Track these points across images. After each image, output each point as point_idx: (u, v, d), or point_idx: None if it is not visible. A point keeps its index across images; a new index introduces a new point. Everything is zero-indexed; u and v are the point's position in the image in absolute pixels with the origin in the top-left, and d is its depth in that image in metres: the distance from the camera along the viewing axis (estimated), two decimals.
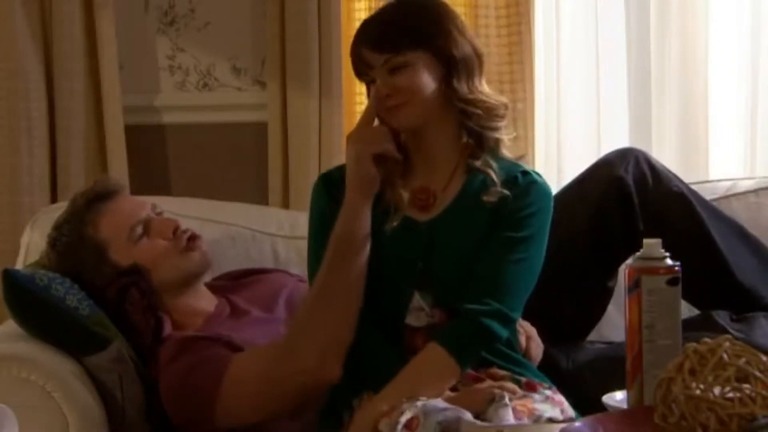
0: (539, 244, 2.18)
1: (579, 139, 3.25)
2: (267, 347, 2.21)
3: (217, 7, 3.23)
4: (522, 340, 2.20)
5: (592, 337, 2.55)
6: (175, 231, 2.39)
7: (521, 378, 2.13)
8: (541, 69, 3.21)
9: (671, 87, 3.23)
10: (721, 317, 2.34)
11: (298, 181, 3.14)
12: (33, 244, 2.65)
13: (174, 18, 3.24)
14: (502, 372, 2.14)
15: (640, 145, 3.24)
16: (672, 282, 1.82)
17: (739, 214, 2.76)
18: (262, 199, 3.16)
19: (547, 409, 2.04)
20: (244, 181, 3.22)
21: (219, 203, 2.86)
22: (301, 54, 3.10)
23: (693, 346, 1.58)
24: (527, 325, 2.23)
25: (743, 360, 1.56)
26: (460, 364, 2.08)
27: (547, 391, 2.12)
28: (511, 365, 2.17)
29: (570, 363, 2.36)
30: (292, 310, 2.43)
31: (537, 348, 2.22)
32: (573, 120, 3.25)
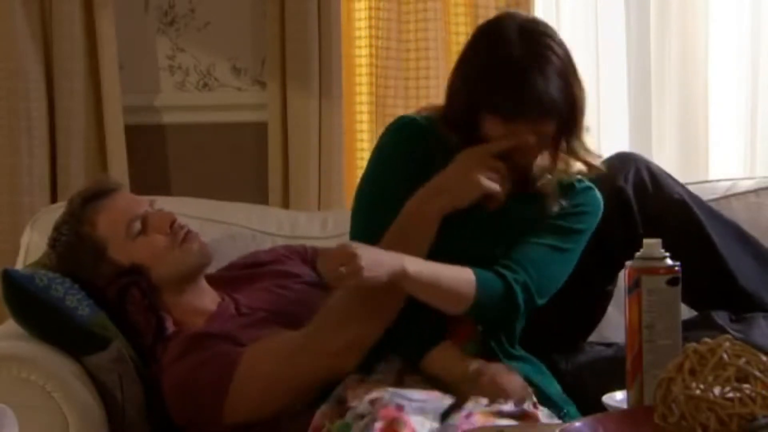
0: (580, 242, 2.22)
1: None
2: (281, 342, 2.17)
3: (217, 7, 3.23)
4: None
5: (591, 337, 2.55)
6: (172, 225, 2.38)
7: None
8: None
9: (671, 87, 3.23)
10: (721, 317, 2.34)
11: (298, 181, 3.14)
12: (33, 244, 2.65)
13: (174, 18, 3.24)
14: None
15: (640, 145, 3.26)
16: (672, 282, 1.82)
17: (739, 214, 2.76)
18: (262, 199, 3.16)
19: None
20: (244, 181, 3.22)
21: (219, 203, 2.86)
22: (301, 54, 3.10)
23: (693, 346, 1.58)
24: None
25: (743, 360, 1.55)
26: (476, 299, 2.09)
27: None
28: (511, 360, 2.18)
29: (569, 364, 2.35)
30: (297, 305, 2.41)
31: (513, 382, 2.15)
32: None
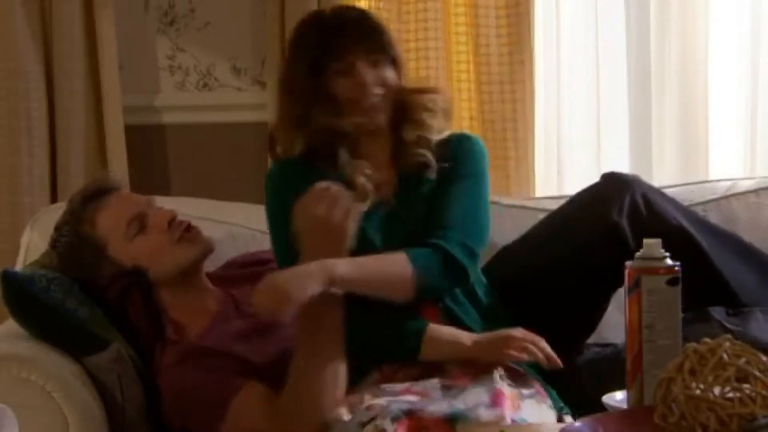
0: (486, 185, 2.29)
1: (579, 138, 3.25)
2: (270, 399, 2.15)
3: (217, 7, 3.23)
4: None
5: (590, 338, 2.54)
6: (171, 222, 2.39)
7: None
8: (541, 69, 3.21)
9: (671, 87, 3.23)
10: (717, 312, 2.33)
11: None
12: (33, 244, 2.65)
13: (174, 18, 3.24)
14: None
15: (641, 145, 3.26)
16: (672, 282, 1.82)
17: (738, 214, 2.76)
18: (262, 198, 3.16)
19: (529, 412, 2.03)
20: (244, 181, 3.21)
21: (219, 203, 2.86)
22: None
23: (693, 346, 1.58)
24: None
25: (743, 360, 1.56)
26: (417, 278, 2.12)
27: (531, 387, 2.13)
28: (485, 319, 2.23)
29: (567, 366, 2.35)
30: None
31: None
32: (573, 120, 3.25)
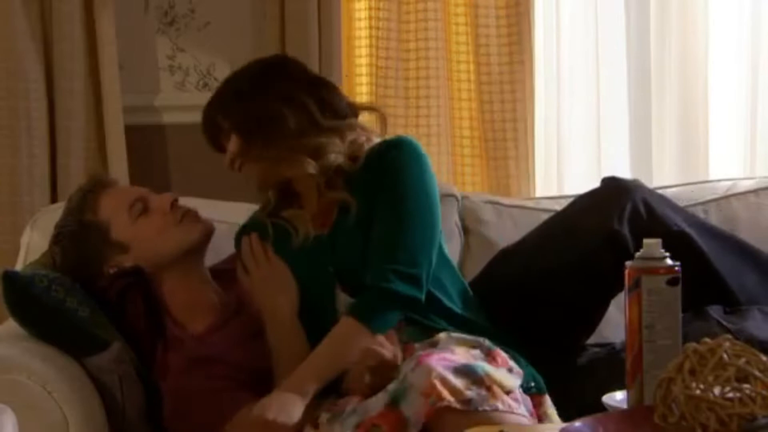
0: (418, 194, 2.26)
1: (579, 139, 3.25)
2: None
3: (217, 7, 3.23)
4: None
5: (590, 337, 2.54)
6: (173, 204, 2.40)
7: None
8: (541, 69, 3.21)
9: (671, 87, 3.23)
10: (715, 311, 2.33)
11: None
12: (33, 244, 2.65)
13: (174, 18, 3.23)
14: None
15: (640, 145, 3.26)
16: (672, 282, 1.82)
17: (738, 214, 2.76)
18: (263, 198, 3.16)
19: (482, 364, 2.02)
20: (244, 181, 3.21)
21: (219, 203, 2.85)
22: (301, 54, 3.09)
23: (693, 346, 1.58)
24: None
25: (743, 360, 1.56)
26: (373, 329, 2.13)
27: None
28: (458, 328, 2.22)
29: (566, 366, 2.35)
30: None
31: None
32: (573, 120, 3.24)
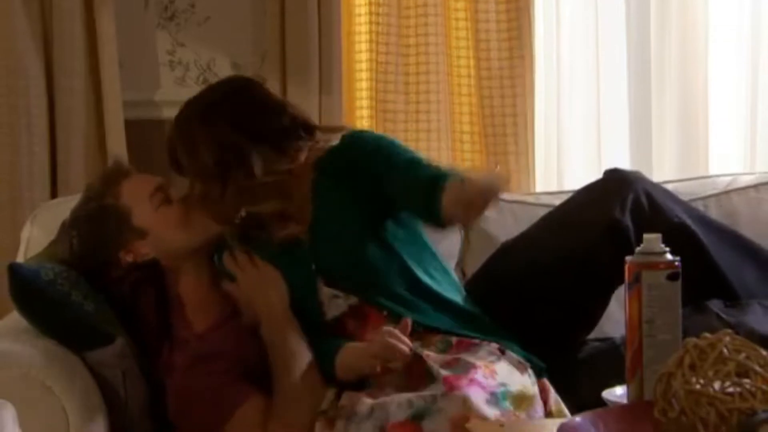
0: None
1: (579, 134, 3.25)
2: (267, 410, 2.23)
3: (217, 3, 3.23)
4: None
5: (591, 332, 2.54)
6: None
7: (451, 339, 2.18)
8: (541, 64, 3.21)
9: (671, 82, 3.23)
10: (715, 305, 2.33)
11: None
12: (33, 239, 2.65)
13: (174, 13, 3.23)
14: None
15: (641, 140, 3.27)
16: (672, 277, 1.82)
17: (739, 209, 2.76)
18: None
19: (504, 370, 2.07)
20: None
21: None
22: (302, 50, 3.10)
23: (693, 340, 1.58)
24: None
25: (743, 355, 1.56)
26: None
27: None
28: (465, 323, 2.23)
29: (565, 362, 2.35)
30: None
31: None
32: (573, 115, 3.24)
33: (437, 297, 2.27)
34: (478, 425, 1.87)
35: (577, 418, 1.70)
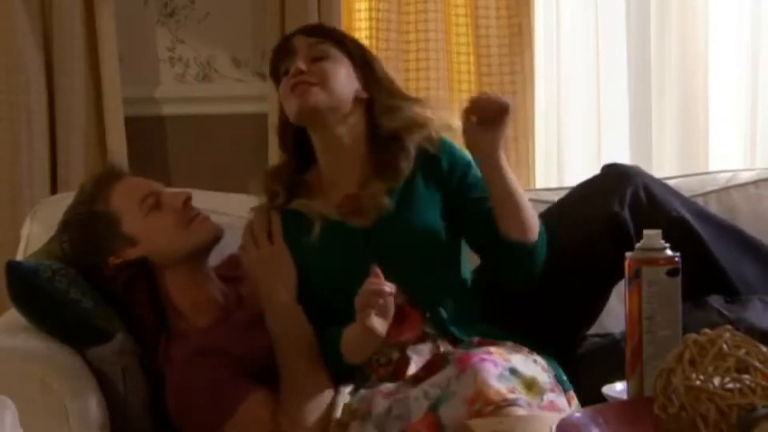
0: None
1: (579, 130, 3.25)
2: (274, 407, 2.22)
3: None
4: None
5: (592, 328, 2.54)
6: (186, 202, 2.38)
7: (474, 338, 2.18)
8: (541, 61, 3.21)
9: (671, 78, 3.23)
10: (715, 300, 2.33)
11: None
12: (33, 236, 2.65)
13: (174, 9, 3.23)
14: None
15: (641, 137, 3.27)
16: (672, 273, 1.82)
17: (738, 205, 2.76)
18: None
19: (520, 360, 2.05)
20: (244, 172, 3.20)
21: (219, 194, 2.85)
22: None
23: (693, 336, 1.58)
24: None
25: (743, 351, 1.55)
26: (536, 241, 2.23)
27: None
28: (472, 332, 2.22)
29: (565, 358, 2.35)
30: None
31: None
32: (573, 111, 3.24)
33: (480, 314, 2.29)
34: (478, 423, 1.87)
35: (576, 414, 1.70)
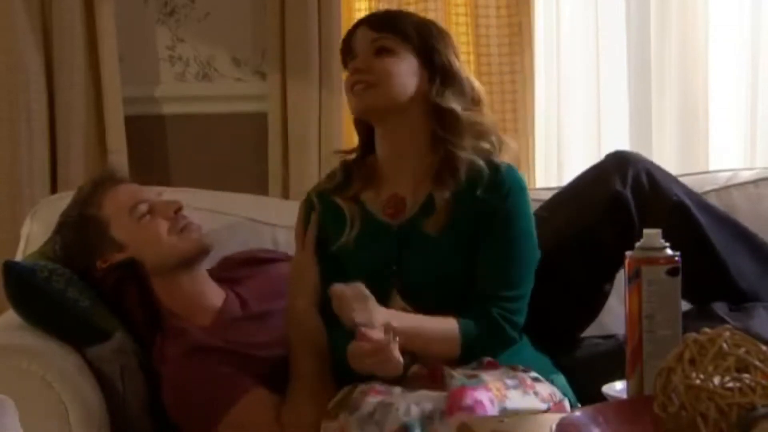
0: (528, 222, 2.18)
1: (579, 130, 3.25)
2: (273, 405, 2.20)
3: None
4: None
5: (591, 328, 2.54)
6: (177, 212, 2.38)
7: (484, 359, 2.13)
8: (541, 60, 3.21)
9: (671, 78, 3.23)
10: (719, 308, 2.34)
11: (298, 171, 3.14)
12: (33, 235, 2.65)
13: (174, 9, 3.23)
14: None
15: (641, 137, 3.27)
16: (672, 272, 1.82)
17: (738, 204, 2.76)
18: (262, 189, 3.16)
19: (517, 397, 2.00)
20: (245, 172, 3.22)
21: (219, 194, 2.85)
22: (302, 45, 3.10)
23: (693, 335, 1.58)
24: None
25: (743, 350, 1.55)
26: (461, 354, 2.10)
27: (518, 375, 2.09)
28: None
29: (567, 359, 2.35)
30: None
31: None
32: (573, 111, 3.25)
33: None
34: (478, 422, 1.87)
35: (576, 413, 1.70)
